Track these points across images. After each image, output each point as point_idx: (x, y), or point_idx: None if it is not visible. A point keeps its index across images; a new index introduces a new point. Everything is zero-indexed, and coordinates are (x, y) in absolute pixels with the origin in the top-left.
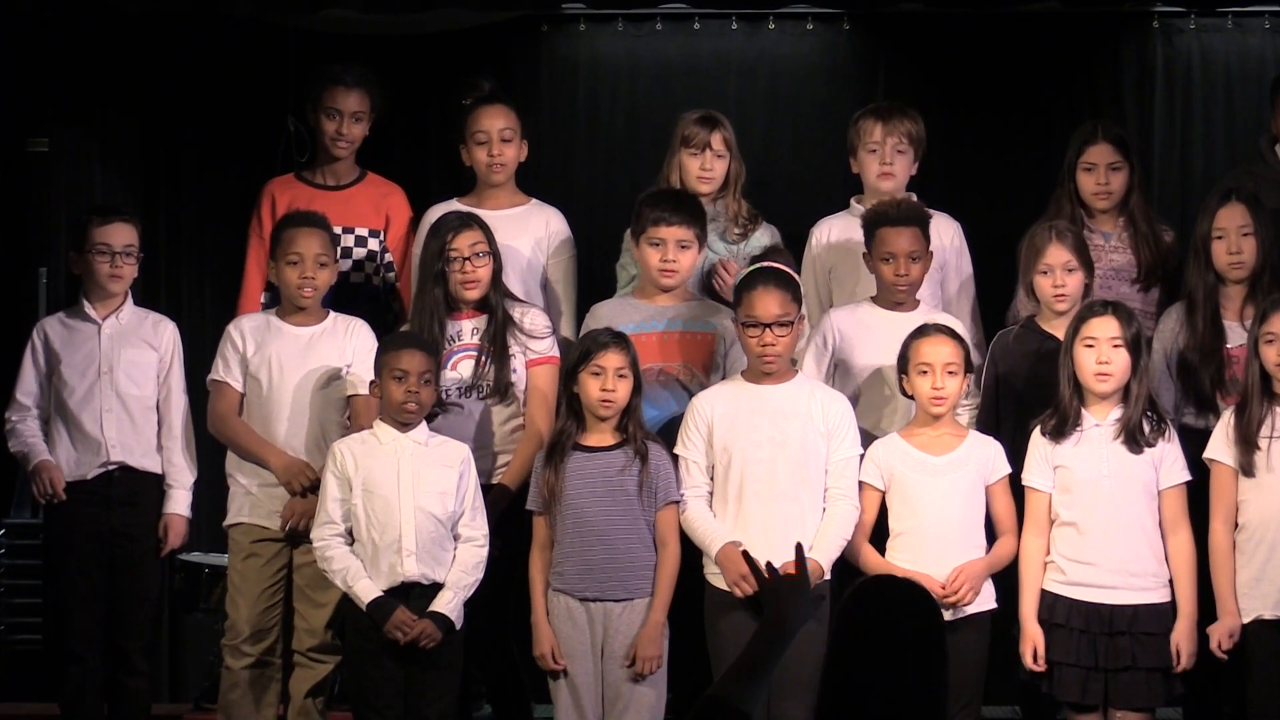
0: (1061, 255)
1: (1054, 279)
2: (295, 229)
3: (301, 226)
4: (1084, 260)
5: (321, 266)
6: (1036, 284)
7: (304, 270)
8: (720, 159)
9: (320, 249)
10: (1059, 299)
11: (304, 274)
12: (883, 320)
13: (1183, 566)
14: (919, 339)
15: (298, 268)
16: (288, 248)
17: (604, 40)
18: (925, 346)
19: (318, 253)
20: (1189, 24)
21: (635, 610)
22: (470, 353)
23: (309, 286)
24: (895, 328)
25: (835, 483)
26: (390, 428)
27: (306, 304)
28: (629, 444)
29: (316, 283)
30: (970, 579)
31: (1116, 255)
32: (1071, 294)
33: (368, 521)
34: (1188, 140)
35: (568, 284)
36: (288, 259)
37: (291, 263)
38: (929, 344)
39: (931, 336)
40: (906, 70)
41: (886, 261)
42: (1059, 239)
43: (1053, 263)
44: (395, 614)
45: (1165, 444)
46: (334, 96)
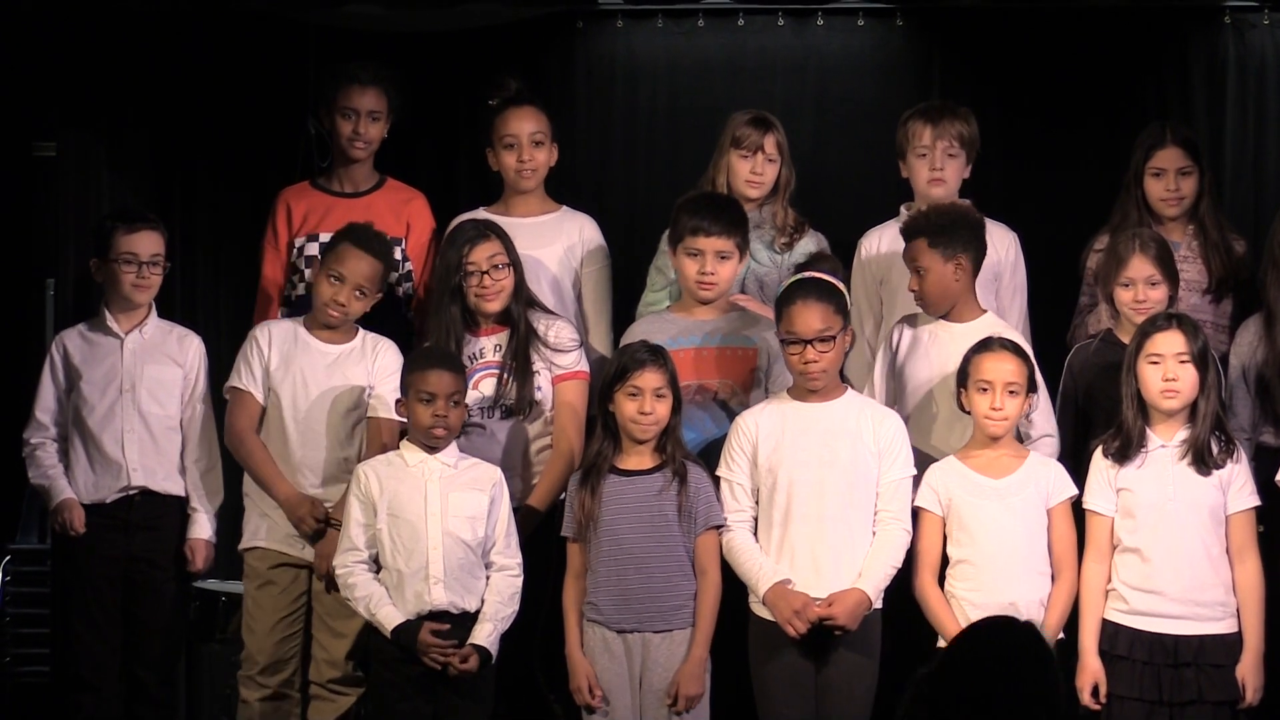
0: (1145, 269)
1: (1136, 292)
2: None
3: (356, 246)
4: (1168, 273)
5: (359, 296)
6: (1117, 296)
7: (340, 292)
8: (771, 163)
9: (363, 280)
10: (1140, 312)
11: (338, 296)
12: (943, 330)
13: (1250, 596)
14: (981, 354)
15: (335, 287)
16: (333, 263)
17: (643, 38)
18: (987, 363)
19: (359, 283)
20: (1263, 19)
21: (675, 642)
22: (493, 370)
23: (336, 310)
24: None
25: (886, 505)
26: (418, 449)
27: (332, 323)
28: (668, 465)
29: (348, 310)
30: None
31: (1186, 266)
32: (1154, 308)
33: (393, 547)
34: (1261, 143)
35: (601, 295)
36: (329, 272)
37: (332, 278)
38: (991, 360)
39: (995, 352)
40: (962, 69)
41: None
42: (1143, 250)
43: (1135, 275)
44: (421, 633)
45: (1234, 465)
46: (349, 95)
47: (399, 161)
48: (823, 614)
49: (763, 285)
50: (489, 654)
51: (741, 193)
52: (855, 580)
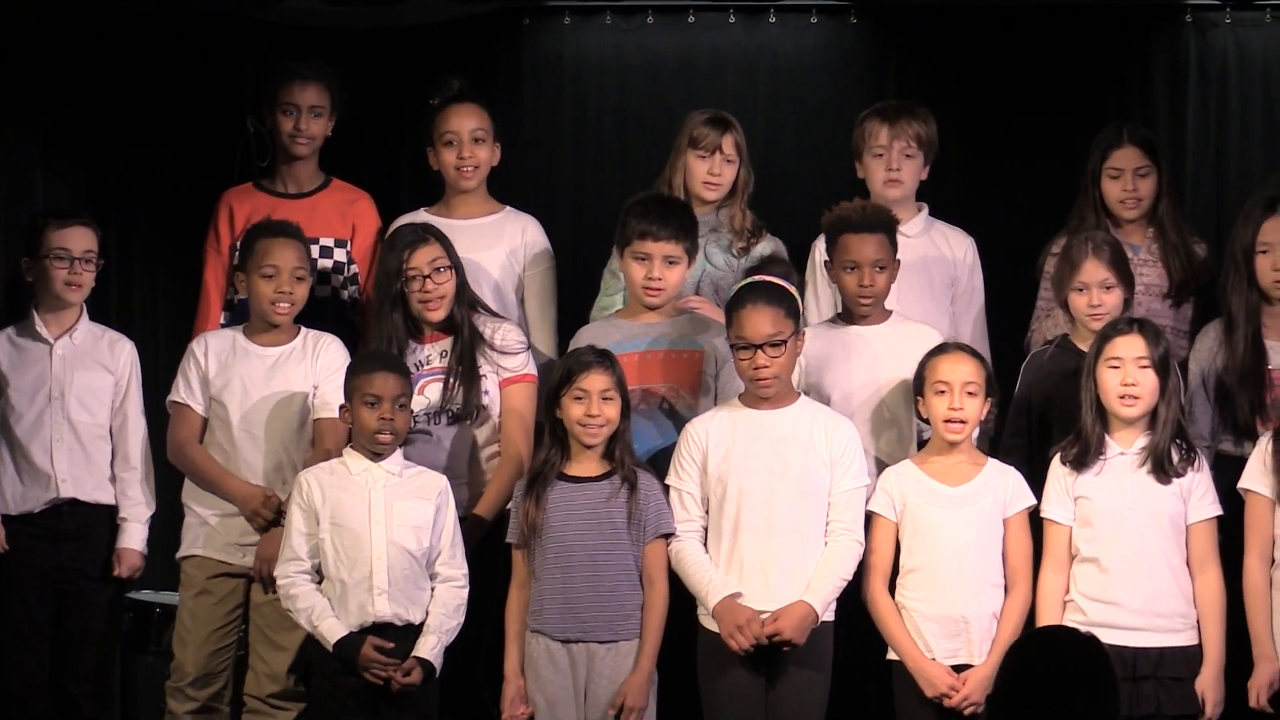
0: (1099, 272)
1: (1090, 297)
2: (271, 239)
3: (278, 237)
4: (1123, 276)
5: (298, 281)
6: (1071, 301)
7: (280, 284)
8: (730, 164)
9: (297, 262)
10: (1096, 317)
11: (280, 288)
12: (853, 336)
13: (1210, 608)
14: (937, 356)
15: (273, 281)
16: (262, 259)
17: (591, 35)
18: (944, 364)
19: (295, 266)
20: (1224, 18)
21: (620, 653)
22: (438, 376)
23: (285, 302)
24: (867, 343)
25: (838, 516)
26: (361, 457)
27: (281, 321)
28: (617, 472)
29: (294, 298)
30: (976, 687)
31: (1146, 269)
32: (1109, 312)
33: (336, 557)
34: (1223, 144)
35: (545, 298)
36: (262, 271)
37: (266, 275)
38: (948, 362)
39: (952, 354)
40: (919, 67)
41: (849, 270)
42: (1096, 254)
43: (1089, 280)
44: (364, 648)
45: (1195, 474)
46: (290, 91)
47: (342, 162)
48: (769, 630)
49: (718, 289)
50: (432, 667)
51: (698, 194)
52: (803, 592)
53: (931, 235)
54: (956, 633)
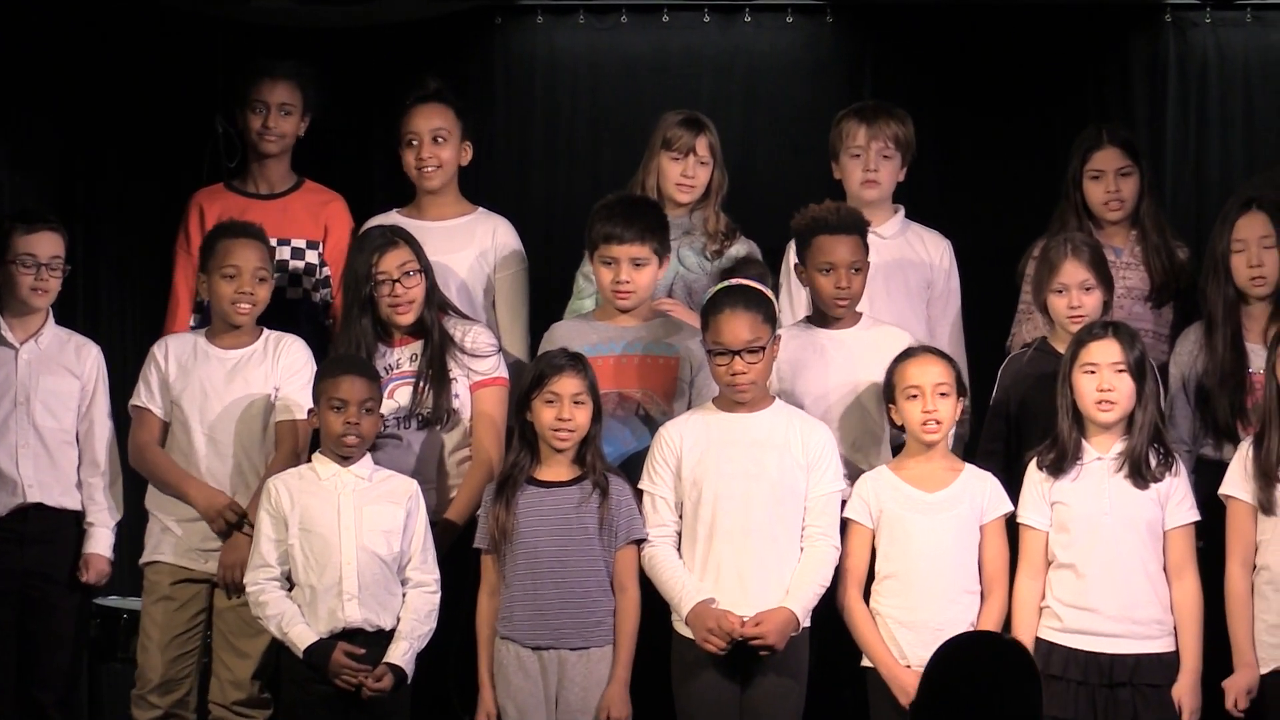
0: (1078, 273)
1: (1070, 298)
2: (232, 239)
3: (239, 237)
4: (1102, 277)
5: (260, 282)
6: (1050, 303)
7: (241, 284)
8: (704, 166)
9: (259, 262)
10: (1075, 319)
11: (241, 288)
12: (823, 339)
13: (1188, 615)
14: (905, 361)
15: (234, 281)
16: (223, 260)
17: (564, 34)
18: (912, 369)
19: (256, 266)
20: (1204, 17)
21: (592, 660)
22: (408, 380)
23: (246, 302)
24: (838, 347)
25: (815, 520)
26: (330, 461)
27: (242, 322)
28: (588, 477)
29: (255, 298)
30: None
31: (1129, 273)
32: (1089, 314)
33: (305, 563)
34: (1203, 145)
35: (516, 301)
36: (223, 272)
37: (227, 276)
38: (916, 365)
39: (918, 357)
40: (895, 67)
41: (825, 272)
42: (1075, 254)
43: (1068, 281)
44: (335, 654)
45: (1173, 479)
46: (259, 88)
47: (315, 163)
48: (750, 633)
49: (691, 292)
50: (404, 673)
51: (671, 196)
52: (783, 599)
53: (908, 237)
54: (931, 640)
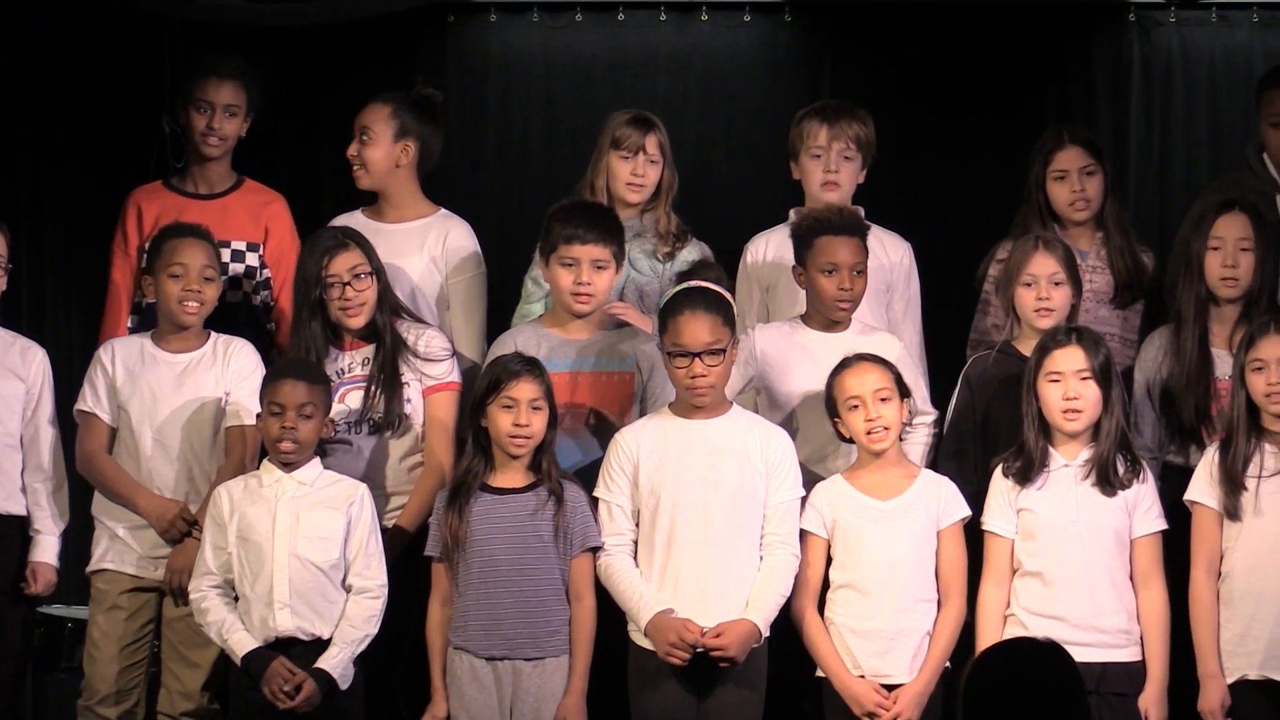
0: (1048, 265)
1: (1039, 290)
2: (178, 239)
3: (185, 236)
4: (1072, 274)
5: (207, 281)
6: (1018, 298)
7: (188, 283)
8: (654, 165)
9: (206, 261)
10: (1044, 314)
11: (187, 286)
12: (815, 342)
13: (1154, 625)
14: (840, 374)
15: (180, 280)
16: (169, 259)
17: (518, 33)
18: (849, 380)
19: (204, 265)
20: (1169, 16)
21: (547, 670)
22: (360, 384)
23: (194, 301)
24: (830, 349)
25: (774, 528)
26: (275, 468)
27: (190, 322)
28: (543, 484)
29: (203, 297)
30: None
31: (1095, 276)
32: (1057, 310)
33: (241, 571)
34: (1167, 146)
35: (470, 306)
36: (170, 271)
37: (174, 275)
38: (853, 376)
39: (853, 367)
40: (855, 67)
41: (828, 274)
42: (1046, 248)
43: (1038, 273)
44: (272, 666)
45: (1140, 486)
46: (205, 88)
47: (259, 162)
48: (711, 644)
49: (643, 295)
50: (330, 678)
51: (622, 196)
52: (744, 610)
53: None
54: (886, 650)
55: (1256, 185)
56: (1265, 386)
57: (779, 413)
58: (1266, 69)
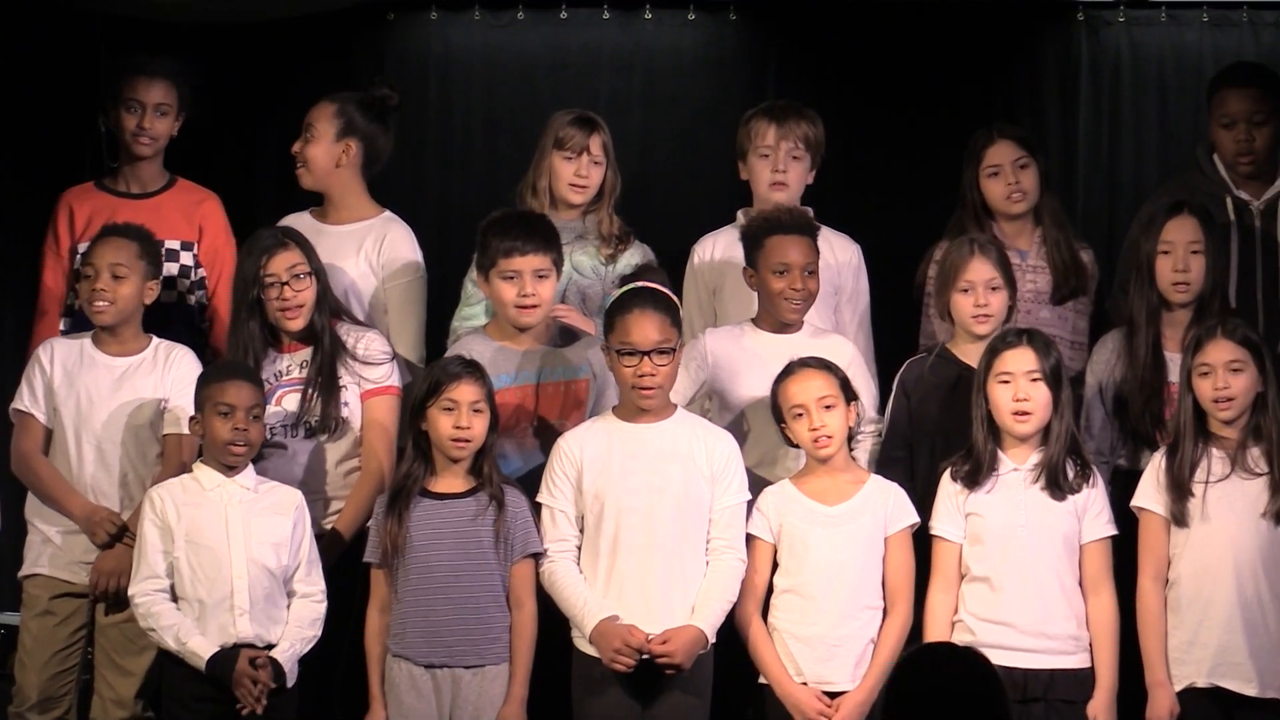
0: (985, 271)
1: (976, 297)
2: (97, 239)
3: (104, 236)
4: (1008, 277)
5: (118, 280)
6: (955, 304)
7: (96, 283)
8: (597, 165)
9: (117, 258)
10: (981, 320)
11: (95, 286)
12: (767, 344)
13: (1104, 630)
14: (784, 381)
15: (91, 281)
16: (85, 260)
17: (459, 31)
18: (793, 387)
19: (113, 263)
20: (1118, 16)
21: (487, 678)
22: (297, 387)
23: (101, 300)
24: (781, 351)
25: (720, 533)
26: (214, 471)
27: (102, 322)
28: (484, 489)
29: (112, 296)
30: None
31: (1036, 275)
32: (995, 315)
33: (193, 577)
34: (1115, 145)
35: (408, 310)
36: (84, 272)
37: (86, 276)
38: (796, 384)
39: (797, 374)
40: (800, 66)
41: (779, 274)
42: (982, 253)
43: (975, 279)
44: (240, 663)
45: (1090, 491)
46: (135, 87)
47: (195, 162)
48: (657, 651)
49: (585, 298)
50: (282, 672)
51: (564, 197)
52: (690, 616)
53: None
54: (828, 656)
55: (1207, 187)
56: (1212, 391)
57: (730, 416)
58: (1217, 69)
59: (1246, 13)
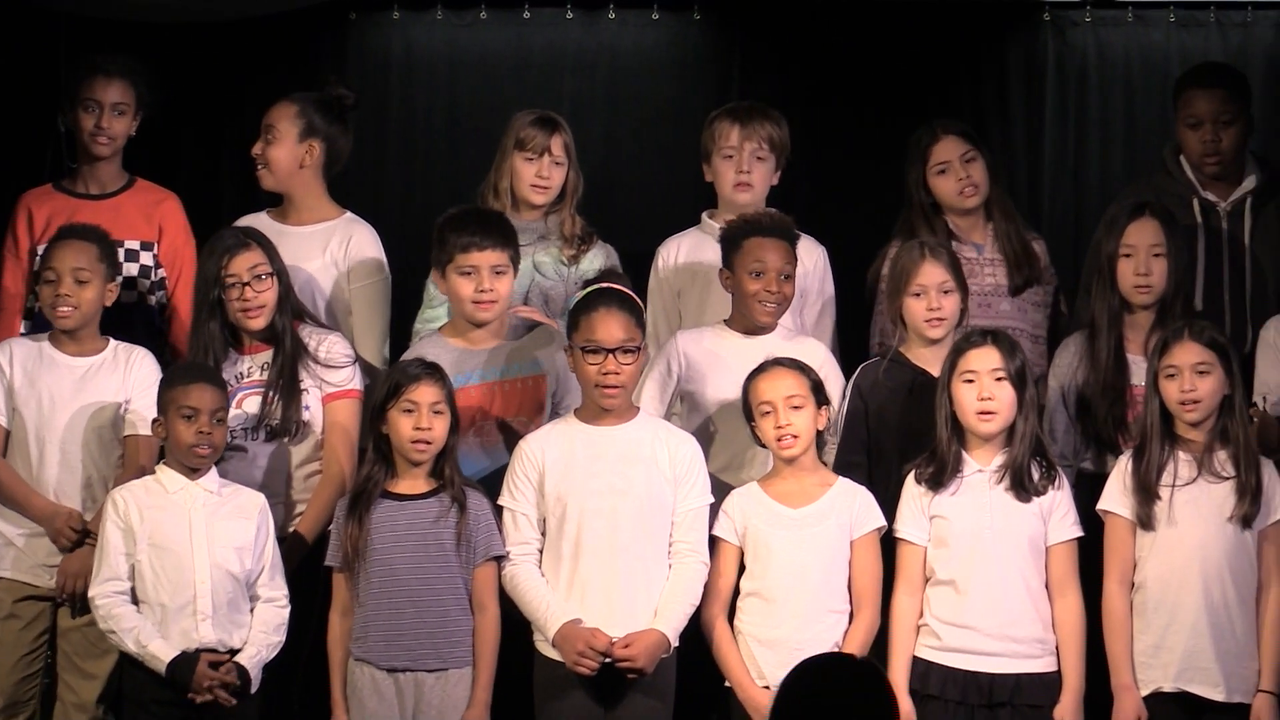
0: (937, 274)
1: (929, 300)
2: (55, 241)
3: (62, 239)
4: (960, 281)
5: (80, 284)
6: (907, 308)
7: (59, 287)
8: (558, 166)
9: (79, 262)
10: (934, 324)
11: (59, 291)
12: (739, 346)
13: (1070, 634)
14: (755, 378)
15: (53, 285)
16: (45, 263)
17: (421, 30)
18: (763, 384)
19: (75, 267)
20: (1084, 16)
21: (450, 682)
22: (258, 389)
23: (64, 305)
24: (753, 354)
25: (683, 536)
26: (177, 474)
27: (65, 326)
28: (445, 491)
29: (75, 300)
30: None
31: (993, 269)
32: (949, 318)
33: (155, 581)
34: (1082, 146)
35: (372, 312)
36: (44, 276)
37: (47, 280)
38: (766, 381)
39: (769, 372)
40: (765, 66)
41: (755, 276)
42: (933, 256)
43: (927, 283)
44: (200, 667)
45: (1056, 493)
46: (92, 87)
47: (158, 162)
48: (619, 655)
49: (548, 300)
50: (246, 676)
51: (526, 198)
52: (653, 620)
53: None
54: (791, 660)
55: (1173, 188)
56: (1179, 394)
57: (700, 418)
58: (1183, 69)
59: (1214, 13)
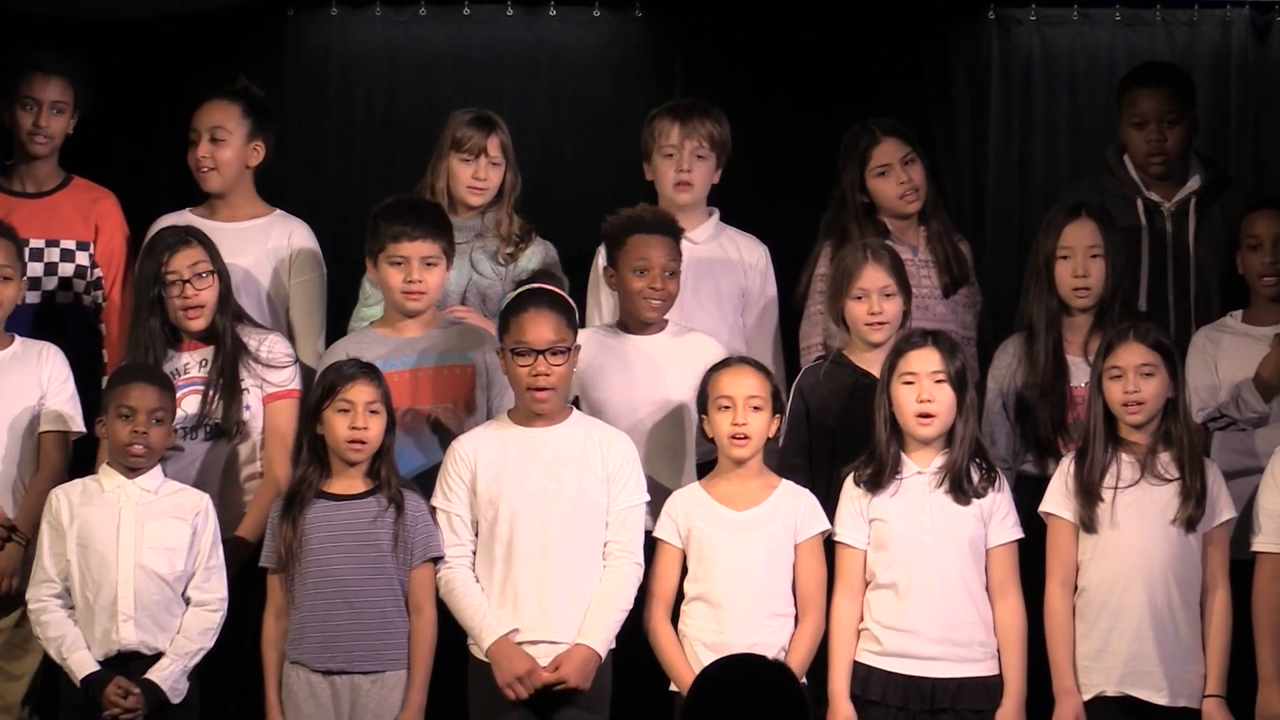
0: (879, 278)
1: (870, 304)
2: None
3: None
4: (902, 284)
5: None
6: (849, 311)
7: None
8: (495, 166)
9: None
10: (876, 327)
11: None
12: (629, 346)
13: (1011, 636)
14: (720, 371)
15: None
16: None
17: (359, 27)
18: (726, 379)
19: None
20: (1029, 14)
21: (386, 685)
22: (197, 387)
23: None
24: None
25: (616, 535)
26: (116, 473)
27: None
28: (381, 491)
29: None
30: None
31: (930, 270)
32: (890, 321)
33: (82, 580)
34: (1026, 146)
35: (312, 309)
36: None
37: None
38: (730, 376)
39: (734, 368)
40: (707, 64)
41: (640, 274)
42: (875, 259)
43: (868, 286)
44: (109, 687)
45: (996, 495)
46: (30, 85)
47: (91, 160)
48: (550, 680)
49: (485, 299)
50: (157, 690)
51: (463, 199)
52: (580, 634)
53: (721, 242)
54: None
55: (1117, 188)
56: (1123, 395)
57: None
58: (1129, 68)
59: (1159, 12)
